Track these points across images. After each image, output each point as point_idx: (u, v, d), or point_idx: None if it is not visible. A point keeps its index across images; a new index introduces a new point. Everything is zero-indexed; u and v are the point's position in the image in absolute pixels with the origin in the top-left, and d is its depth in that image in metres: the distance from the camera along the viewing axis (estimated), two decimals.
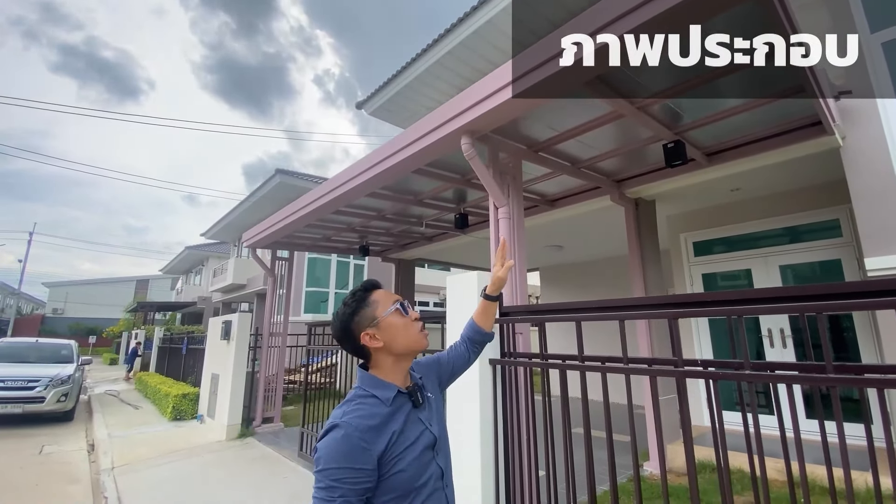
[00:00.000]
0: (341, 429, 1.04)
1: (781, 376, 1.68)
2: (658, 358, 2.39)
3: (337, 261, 14.65)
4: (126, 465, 5.45)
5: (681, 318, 1.89)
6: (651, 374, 1.98)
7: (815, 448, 1.60)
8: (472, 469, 2.57)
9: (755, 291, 1.86)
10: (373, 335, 1.19)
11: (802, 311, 1.62)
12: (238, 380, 6.67)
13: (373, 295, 1.24)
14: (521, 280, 3.23)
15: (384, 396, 1.15)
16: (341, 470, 1.00)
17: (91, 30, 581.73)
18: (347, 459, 1.01)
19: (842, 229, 4.89)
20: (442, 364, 1.49)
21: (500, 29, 6.36)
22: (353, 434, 1.03)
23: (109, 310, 36.99)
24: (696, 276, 5.88)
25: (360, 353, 1.23)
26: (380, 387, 1.17)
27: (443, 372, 1.48)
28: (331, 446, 1.03)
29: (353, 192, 4.58)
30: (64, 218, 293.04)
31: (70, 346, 9.94)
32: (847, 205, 4.91)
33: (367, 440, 1.04)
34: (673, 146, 3.64)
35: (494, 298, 1.62)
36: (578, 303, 2.25)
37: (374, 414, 1.11)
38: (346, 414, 1.09)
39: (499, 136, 3.44)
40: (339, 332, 1.23)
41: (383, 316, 1.21)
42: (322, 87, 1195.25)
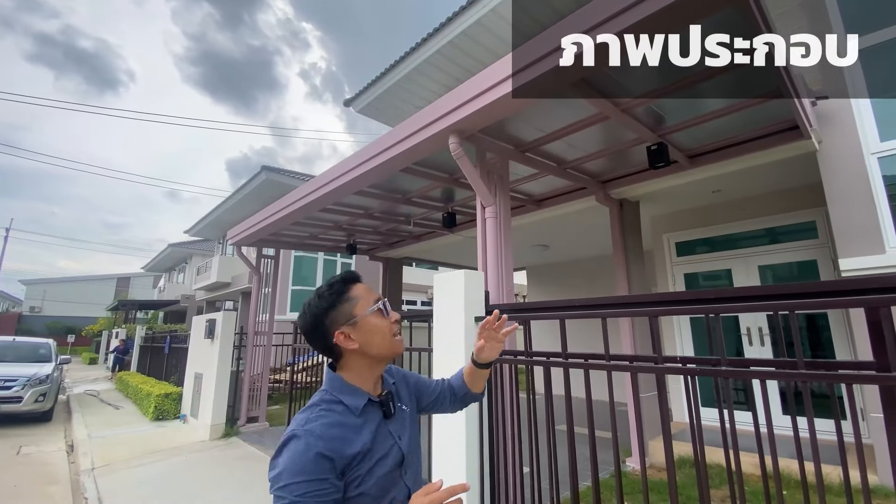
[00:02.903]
0: (302, 439, 0.93)
1: (755, 372, 1.73)
2: (639, 355, 2.44)
3: (324, 259, 14.56)
4: (107, 465, 5.37)
5: (661, 315, 1.94)
6: (632, 370, 2.03)
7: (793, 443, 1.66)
8: (456, 468, 2.60)
9: (732, 290, 1.92)
10: (348, 335, 1.07)
11: (776, 310, 1.68)
12: (222, 379, 6.61)
13: (353, 289, 1.12)
14: (508, 278, 3.27)
15: (353, 405, 1.04)
16: (309, 483, 0.89)
17: (68, 18, 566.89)
18: (315, 471, 0.90)
19: (818, 231, 5.04)
20: (425, 386, 1.35)
21: (489, 29, 6.40)
22: (318, 444, 0.92)
23: (89, 308, 36.21)
24: (679, 276, 5.99)
25: (329, 352, 1.11)
26: (349, 393, 1.06)
27: (422, 392, 1.34)
28: (294, 458, 0.91)
29: (340, 190, 4.57)
30: (41, 214, 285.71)
31: (48, 345, 9.73)
32: (823, 207, 5.05)
33: (331, 451, 0.93)
34: (656, 148, 3.71)
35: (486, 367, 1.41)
36: (563, 301, 2.29)
37: (341, 423, 0.99)
38: (308, 421, 0.97)
39: (486, 136, 3.47)
40: (309, 326, 1.10)
41: (363, 315, 1.09)
42: (308, 82, 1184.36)
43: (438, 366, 2.85)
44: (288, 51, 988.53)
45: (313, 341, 1.11)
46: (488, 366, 1.40)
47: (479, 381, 1.43)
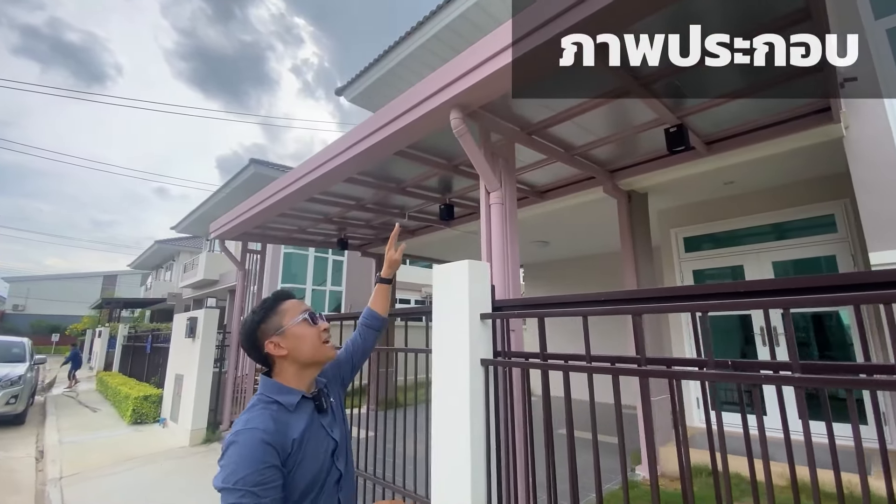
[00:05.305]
0: (247, 433, 1.02)
1: (780, 377, 1.53)
2: (653, 357, 2.13)
3: (314, 256, 14.12)
4: (76, 473, 4.97)
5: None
6: (641, 374, 1.71)
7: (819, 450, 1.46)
8: (462, 484, 2.26)
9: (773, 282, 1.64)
10: (277, 343, 1.18)
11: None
12: (203, 381, 6.21)
13: (283, 304, 1.24)
14: (514, 272, 2.94)
15: (287, 402, 1.14)
16: (261, 472, 0.98)
17: (53, 10, 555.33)
18: (264, 458, 0.99)
19: (836, 225, 4.77)
20: (342, 363, 1.49)
21: (487, 11, 6.07)
22: (262, 434, 1.02)
23: (74, 307, 35.43)
24: (687, 273, 5.70)
25: (264, 362, 1.21)
26: (283, 392, 1.15)
27: (344, 371, 1.49)
28: (242, 451, 0.99)
29: (329, 177, 4.20)
30: (26, 210, 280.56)
31: (22, 344, 9.25)
32: (843, 199, 4.80)
33: (275, 442, 1.03)
34: (675, 130, 3.40)
35: (388, 281, 1.71)
36: (590, 295, 1.96)
37: (277, 419, 1.08)
38: (249, 421, 1.05)
39: (490, 115, 3.14)
40: (245, 340, 1.21)
41: (290, 325, 1.20)
42: (300, 78, 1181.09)
43: (439, 368, 2.50)
44: (280, 46, 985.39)
45: (250, 352, 1.22)
46: (390, 281, 1.73)
47: (384, 302, 1.71)
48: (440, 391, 2.44)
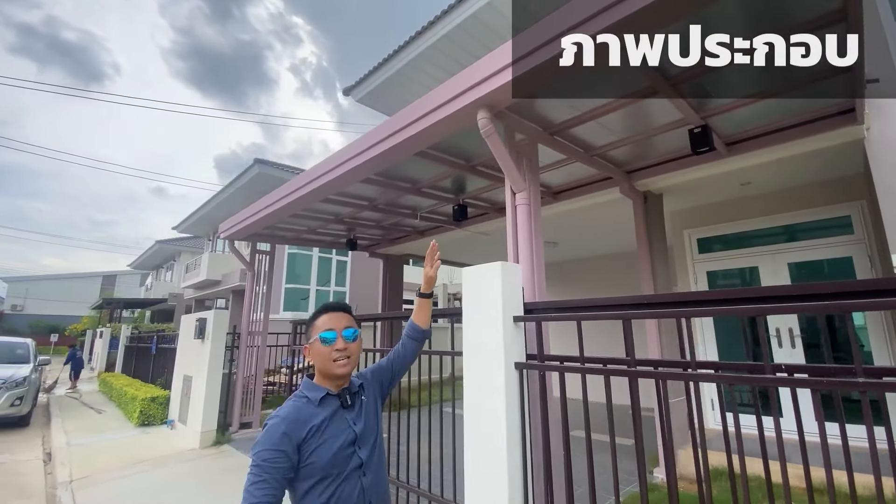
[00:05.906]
0: (272, 419, 1.28)
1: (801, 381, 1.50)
2: (665, 360, 2.10)
3: (318, 256, 14.07)
4: (86, 477, 4.92)
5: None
6: (658, 376, 1.67)
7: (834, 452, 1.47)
8: (499, 488, 2.22)
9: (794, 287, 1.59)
10: (307, 350, 1.44)
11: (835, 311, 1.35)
12: (213, 382, 6.15)
13: (319, 318, 1.45)
14: (540, 275, 2.90)
15: (313, 397, 1.36)
16: (267, 451, 1.21)
17: (51, 9, 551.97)
18: (273, 443, 1.22)
19: (853, 226, 4.74)
20: (383, 369, 1.65)
21: (500, 12, 6.04)
22: (281, 424, 1.26)
23: (74, 307, 35.26)
24: (701, 274, 5.67)
25: None
26: (313, 390, 1.39)
27: (383, 376, 1.64)
28: (265, 432, 1.26)
29: (346, 177, 4.17)
30: (25, 210, 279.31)
31: (26, 345, 9.18)
32: (859, 201, 4.78)
33: (290, 430, 1.25)
34: (700, 131, 3.37)
35: (428, 295, 1.80)
36: (634, 297, 1.93)
37: (301, 409, 1.32)
38: (279, 410, 1.32)
39: (515, 115, 3.10)
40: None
41: (313, 339, 1.42)
42: (299, 77, 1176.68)
43: (472, 371, 2.47)
44: (279, 45, 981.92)
45: None
46: (430, 295, 1.81)
47: (425, 315, 1.79)
48: (473, 394, 2.41)
